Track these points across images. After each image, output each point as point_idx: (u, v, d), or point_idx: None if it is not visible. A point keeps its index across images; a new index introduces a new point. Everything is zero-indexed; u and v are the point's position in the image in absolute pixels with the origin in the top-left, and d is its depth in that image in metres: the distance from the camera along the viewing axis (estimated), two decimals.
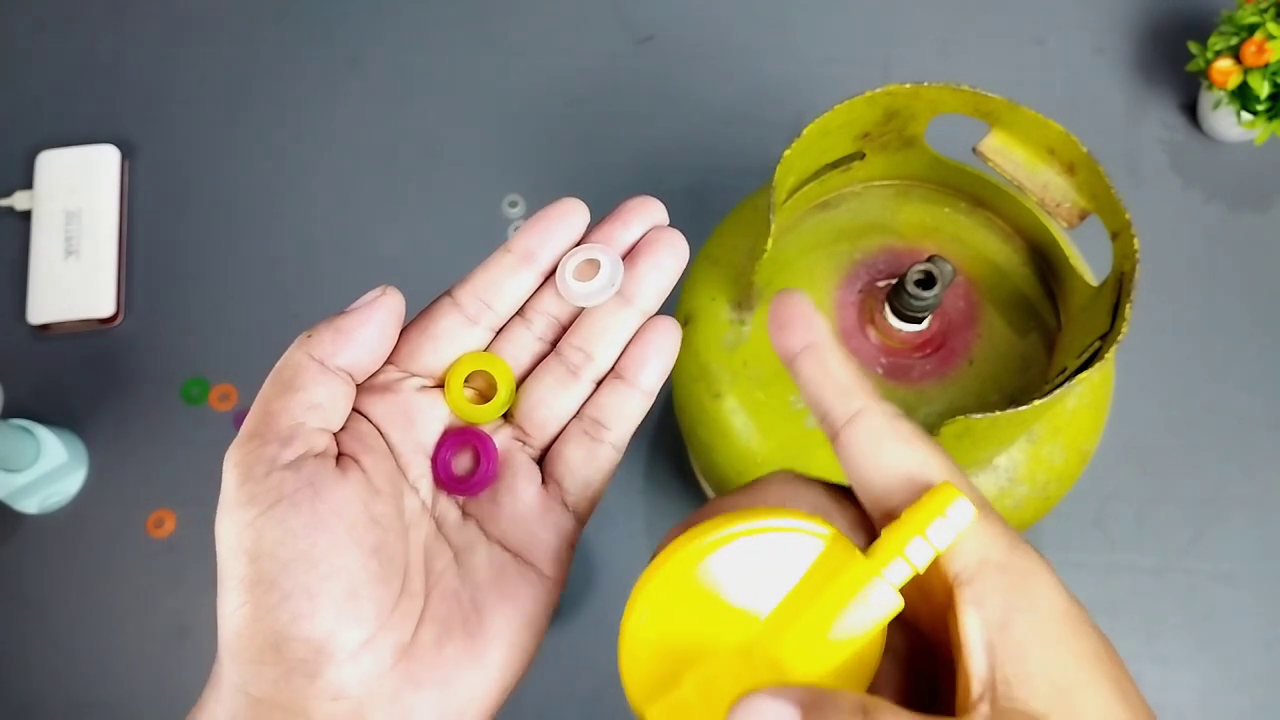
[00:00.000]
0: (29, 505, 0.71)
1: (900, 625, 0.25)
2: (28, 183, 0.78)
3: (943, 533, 0.22)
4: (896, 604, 0.23)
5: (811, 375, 0.25)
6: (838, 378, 0.25)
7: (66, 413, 0.74)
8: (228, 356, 0.75)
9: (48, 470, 0.70)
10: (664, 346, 0.30)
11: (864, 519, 0.25)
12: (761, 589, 0.23)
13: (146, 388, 0.75)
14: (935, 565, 0.23)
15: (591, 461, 0.29)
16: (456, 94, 0.82)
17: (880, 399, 0.25)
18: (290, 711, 0.25)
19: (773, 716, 0.20)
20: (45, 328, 0.75)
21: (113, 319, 0.76)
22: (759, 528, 0.23)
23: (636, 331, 0.30)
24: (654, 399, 0.30)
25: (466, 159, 0.80)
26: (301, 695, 0.25)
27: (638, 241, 0.30)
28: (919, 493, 0.23)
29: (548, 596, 0.28)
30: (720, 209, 0.60)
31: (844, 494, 0.26)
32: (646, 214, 0.30)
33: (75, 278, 0.75)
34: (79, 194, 0.77)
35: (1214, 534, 0.69)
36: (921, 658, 0.25)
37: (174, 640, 0.69)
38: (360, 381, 0.28)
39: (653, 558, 0.24)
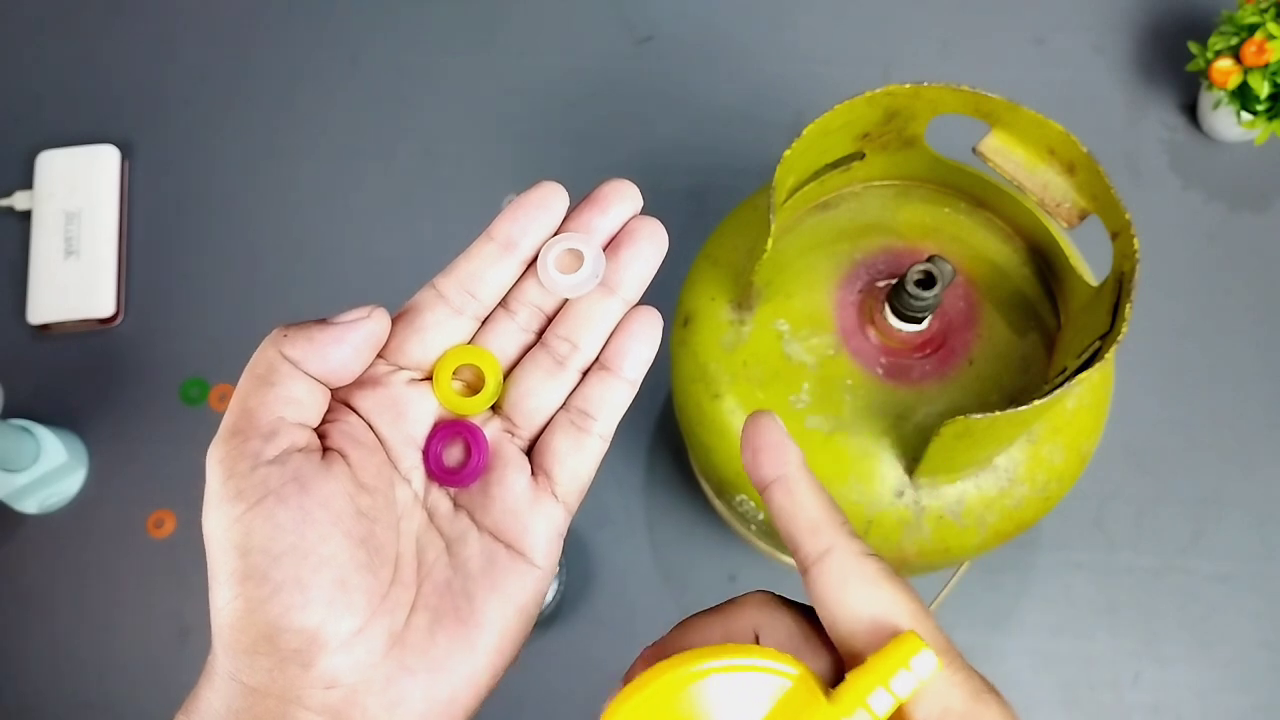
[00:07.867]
0: (29, 505, 0.71)
1: None
2: (28, 183, 0.78)
3: (905, 683, 0.23)
4: None
5: (782, 508, 0.26)
6: (808, 512, 0.25)
7: (66, 413, 0.74)
8: (227, 357, 0.75)
9: (48, 470, 0.70)
10: (647, 336, 0.30)
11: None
12: None
13: (146, 388, 0.75)
14: (899, 712, 0.23)
15: (579, 452, 0.30)
16: (456, 94, 0.82)
17: (850, 535, 0.25)
18: (285, 700, 0.26)
19: None
20: (45, 328, 0.75)
21: (112, 319, 0.76)
22: (729, 666, 0.23)
23: (620, 321, 0.30)
24: (638, 388, 0.30)
25: (466, 159, 0.80)
26: (296, 684, 0.26)
27: (619, 231, 0.30)
28: (885, 638, 0.24)
29: (537, 585, 0.29)
30: (720, 209, 0.60)
31: (817, 620, 0.26)
32: (623, 199, 0.30)
33: (75, 278, 0.75)
34: (79, 194, 0.77)
35: (1214, 534, 0.69)
36: None
37: (174, 640, 0.69)
38: (333, 388, 0.29)
39: (623, 683, 0.24)
